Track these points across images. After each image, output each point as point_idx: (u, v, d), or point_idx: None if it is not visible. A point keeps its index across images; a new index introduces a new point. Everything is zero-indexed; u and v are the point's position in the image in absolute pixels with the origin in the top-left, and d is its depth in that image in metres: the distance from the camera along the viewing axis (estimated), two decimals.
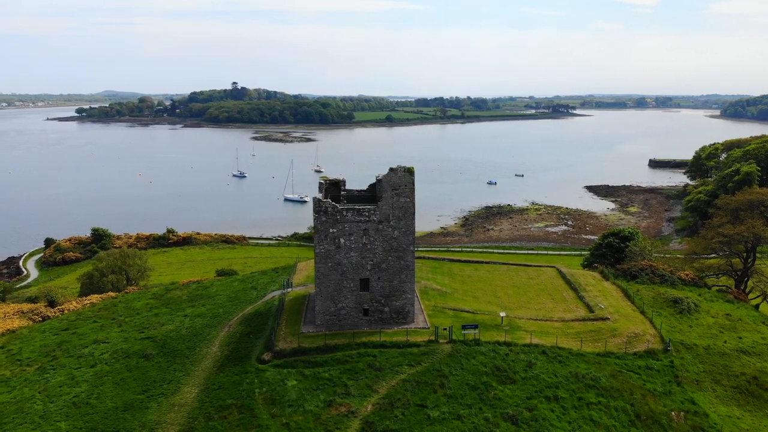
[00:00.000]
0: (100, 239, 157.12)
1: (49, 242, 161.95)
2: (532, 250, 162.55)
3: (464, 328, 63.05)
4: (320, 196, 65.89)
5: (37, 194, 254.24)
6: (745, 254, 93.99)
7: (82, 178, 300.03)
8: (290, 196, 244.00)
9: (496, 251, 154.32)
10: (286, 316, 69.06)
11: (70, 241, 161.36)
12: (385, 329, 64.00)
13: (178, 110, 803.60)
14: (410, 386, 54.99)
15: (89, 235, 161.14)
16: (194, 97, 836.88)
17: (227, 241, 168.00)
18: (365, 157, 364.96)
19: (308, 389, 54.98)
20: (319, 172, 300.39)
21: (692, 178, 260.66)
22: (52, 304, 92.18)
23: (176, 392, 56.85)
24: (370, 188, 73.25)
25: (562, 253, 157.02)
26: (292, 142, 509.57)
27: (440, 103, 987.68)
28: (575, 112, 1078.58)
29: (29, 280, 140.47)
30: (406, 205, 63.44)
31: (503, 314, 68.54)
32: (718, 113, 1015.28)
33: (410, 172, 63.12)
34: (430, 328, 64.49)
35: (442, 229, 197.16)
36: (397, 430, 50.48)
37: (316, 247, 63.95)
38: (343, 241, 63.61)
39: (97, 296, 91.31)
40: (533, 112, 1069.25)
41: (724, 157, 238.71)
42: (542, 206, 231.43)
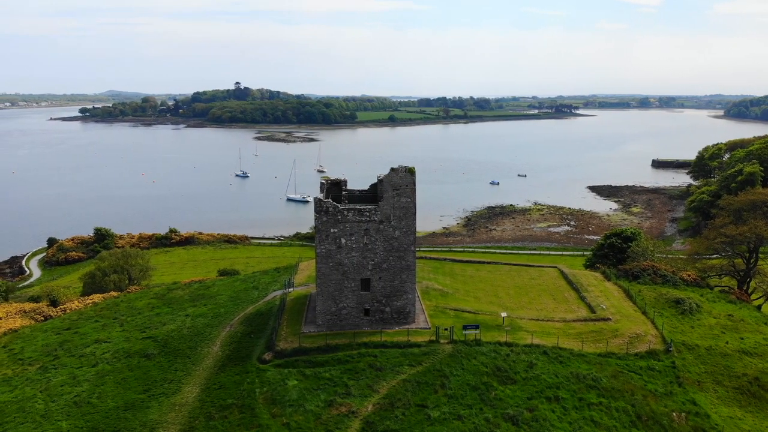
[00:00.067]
0: (102, 239, 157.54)
1: (51, 242, 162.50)
2: (534, 250, 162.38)
3: (465, 328, 62.99)
4: (321, 196, 65.95)
5: (40, 194, 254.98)
6: (747, 255, 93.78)
7: (85, 177, 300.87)
8: (293, 196, 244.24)
9: (498, 251, 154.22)
10: (287, 315, 69.11)
11: (72, 240, 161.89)
12: (386, 329, 63.99)
13: (181, 110, 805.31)
14: (411, 386, 54.96)
15: (92, 234, 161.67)
16: (197, 97, 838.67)
17: (229, 240, 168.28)
18: (368, 157, 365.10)
19: (309, 389, 55.00)
20: (321, 172, 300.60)
21: (695, 178, 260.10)
22: (54, 303, 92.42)
23: (177, 392, 56.91)
24: (371, 188, 73.26)
25: (564, 253, 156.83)
26: (294, 142, 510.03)
27: (443, 103, 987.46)
28: (578, 112, 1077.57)
29: (32, 279, 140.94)
30: (407, 205, 63.43)
31: (504, 314, 68.46)
32: (721, 113, 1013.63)
33: (411, 172, 63.10)
34: (431, 328, 64.45)
35: (444, 229, 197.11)
36: (397, 430, 50.45)
37: (317, 247, 63.99)
38: (344, 241, 63.63)
39: (99, 296, 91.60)
40: (536, 112, 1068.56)
41: (727, 157, 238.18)
42: (545, 206, 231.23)
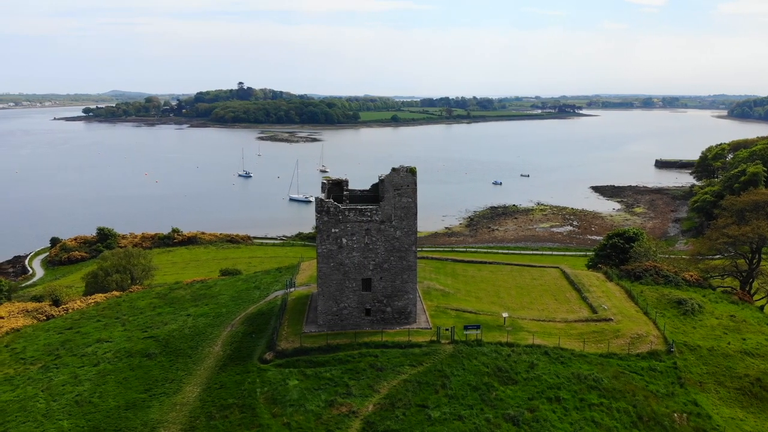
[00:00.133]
0: (105, 238, 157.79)
1: (54, 241, 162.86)
2: (536, 250, 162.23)
3: (466, 328, 62.97)
4: (323, 196, 66.00)
5: (43, 194, 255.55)
6: (750, 255, 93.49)
7: (88, 177, 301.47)
8: (295, 196, 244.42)
9: (500, 252, 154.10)
10: (288, 315, 69.15)
11: (75, 240, 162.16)
12: (387, 329, 63.98)
13: (184, 110, 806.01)
14: (411, 386, 54.94)
15: (95, 234, 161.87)
16: (200, 97, 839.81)
17: (232, 240, 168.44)
18: (370, 157, 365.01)
19: (310, 389, 55.02)
20: (324, 172, 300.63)
21: (698, 178, 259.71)
22: (56, 303, 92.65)
23: (178, 391, 56.99)
24: (372, 188, 73.28)
25: (567, 253, 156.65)
26: (297, 142, 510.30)
27: (446, 103, 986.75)
28: (581, 112, 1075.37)
29: (35, 279, 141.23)
30: (408, 205, 63.41)
31: (506, 315, 68.43)
32: (725, 113, 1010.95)
33: (412, 172, 63.08)
34: (432, 328, 64.43)
35: (446, 229, 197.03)
36: (397, 430, 50.43)
37: (318, 246, 64.01)
38: (345, 241, 63.64)
39: (101, 295, 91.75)
40: (539, 112, 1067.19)
41: (730, 157, 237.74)
42: (548, 206, 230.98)
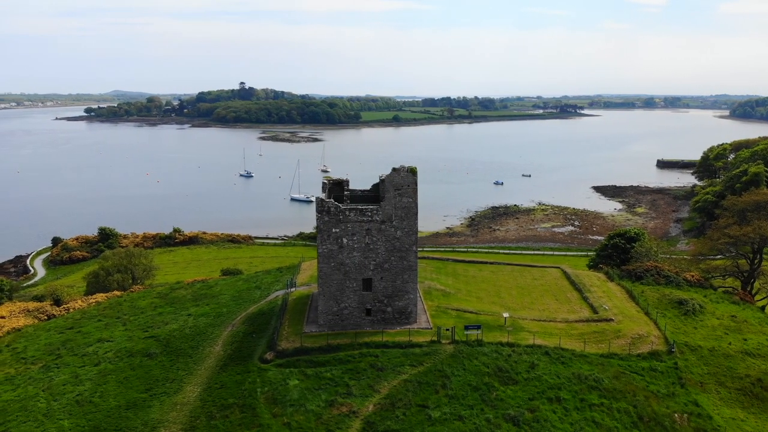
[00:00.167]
0: (107, 238, 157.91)
1: (56, 241, 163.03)
2: (538, 250, 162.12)
3: (467, 328, 62.95)
4: (324, 195, 66.02)
5: (44, 193, 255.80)
6: (751, 256, 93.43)
7: (89, 177, 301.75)
8: (297, 195, 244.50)
9: (501, 252, 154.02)
10: (289, 315, 69.17)
11: (77, 240, 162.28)
12: (387, 329, 63.98)
13: (186, 110, 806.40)
14: (412, 386, 54.93)
15: (96, 234, 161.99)
16: (202, 97, 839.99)
17: (233, 240, 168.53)
18: (372, 157, 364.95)
19: (310, 389, 55.03)
20: (325, 171, 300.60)
21: (700, 178, 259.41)
22: (57, 302, 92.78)
23: (179, 391, 57.02)
24: (373, 188, 73.28)
25: (568, 253, 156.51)
26: (299, 142, 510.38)
27: (447, 102, 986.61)
28: (583, 112, 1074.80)
29: (36, 278, 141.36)
30: (408, 205, 63.40)
31: (506, 315, 68.41)
32: (727, 113, 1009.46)
33: (413, 172, 63.05)
34: (432, 328, 64.41)
35: (447, 229, 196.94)
36: (398, 430, 50.42)
37: (318, 246, 64.03)
38: (345, 240, 63.64)
39: (102, 295, 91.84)
40: (541, 112, 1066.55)
41: (732, 157, 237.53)
42: (549, 206, 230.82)
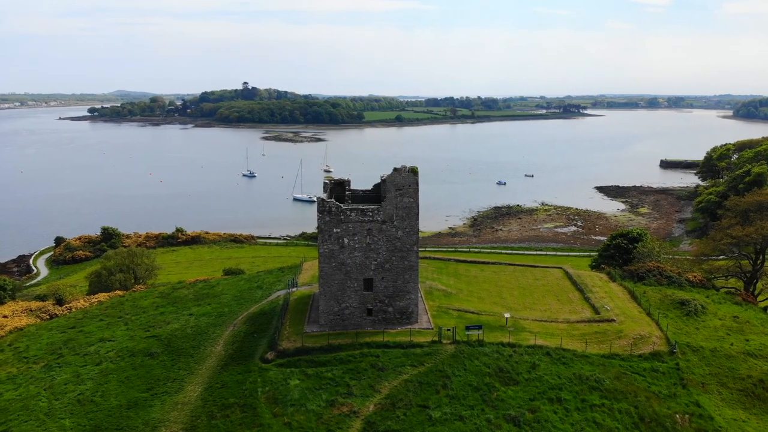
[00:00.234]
0: (109, 238, 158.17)
1: (59, 241, 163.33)
2: (540, 251, 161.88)
3: (468, 328, 62.91)
4: (325, 196, 66.03)
5: (48, 193, 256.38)
6: (754, 256, 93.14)
7: (93, 177, 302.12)
8: (299, 195, 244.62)
9: (504, 252, 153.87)
10: (290, 315, 69.19)
11: (80, 239, 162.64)
12: (388, 329, 63.97)
13: (189, 110, 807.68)
14: (412, 386, 54.92)
15: (99, 233, 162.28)
16: (205, 97, 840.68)
17: (236, 240, 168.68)
18: (374, 156, 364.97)
19: (311, 389, 55.05)
20: (328, 171, 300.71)
21: (703, 178, 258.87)
22: (60, 302, 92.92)
23: (180, 391, 57.10)
24: (374, 188, 73.26)
25: (570, 254, 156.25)
26: (302, 142, 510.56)
27: (450, 102, 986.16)
28: (586, 112, 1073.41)
29: (39, 278, 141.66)
30: (409, 205, 63.37)
31: (508, 315, 68.33)
32: (730, 113, 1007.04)
33: (414, 172, 63.02)
34: (433, 328, 64.37)
35: (450, 229, 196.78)
36: (398, 430, 50.40)
37: (320, 246, 64.04)
38: (346, 240, 63.64)
39: (104, 295, 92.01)
40: (544, 112, 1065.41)
41: (735, 157, 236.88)
42: (552, 207, 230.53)
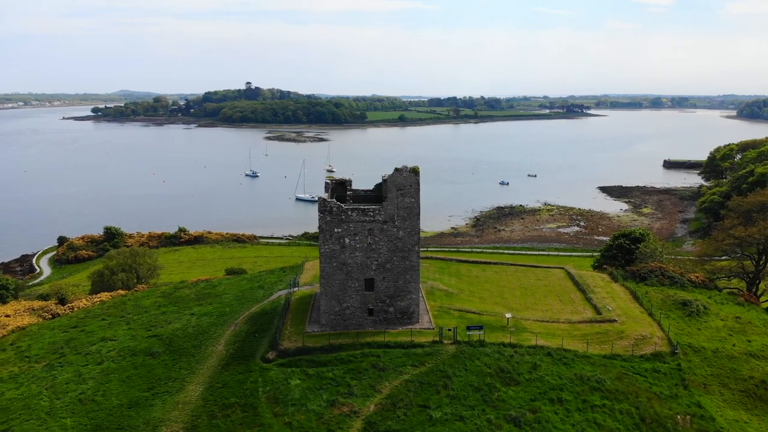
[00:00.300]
0: (112, 238, 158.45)
1: (62, 240, 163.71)
2: (543, 251, 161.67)
3: (469, 329, 62.88)
4: (326, 195, 66.07)
5: (51, 193, 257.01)
6: (756, 257, 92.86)
7: (96, 177, 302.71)
8: (302, 195, 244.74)
9: (506, 252, 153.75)
10: (291, 315, 69.26)
11: (83, 239, 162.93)
12: (389, 329, 63.98)
13: (192, 110, 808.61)
14: (413, 387, 54.91)
15: (102, 233, 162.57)
16: (208, 96, 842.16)
17: (238, 240, 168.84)
18: (377, 156, 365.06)
19: (311, 388, 55.09)
20: (331, 171, 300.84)
21: (707, 179, 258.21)
22: (62, 301, 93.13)
23: (181, 390, 57.18)
24: (376, 188, 73.28)
25: (573, 254, 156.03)
26: (304, 141, 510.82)
27: (453, 102, 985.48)
28: (590, 112, 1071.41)
29: (42, 277, 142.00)
30: (411, 205, 63.36)
31: (509, 315, 68.25)
32: (734, 114, 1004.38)
33: (415, 172, 63.00)
34: (434, 328, 64.35)
35: (452, 229, 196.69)
36: (399, 430, 50.41)
37: (321, 246, 64.10)
38: (347, 240, 63.66)
39: (107, 294, 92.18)
40: (547, 111, 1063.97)
41: (739, 158, 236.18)
42: (554, 207, 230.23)
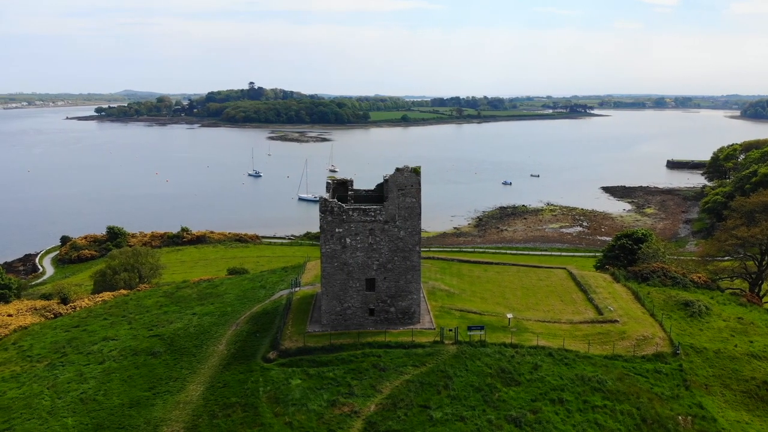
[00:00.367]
0: (115, 237, 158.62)
1: (65, 240, 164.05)
2: (545, 251, 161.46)
3: (470, 329, 62.80)
4: (328, 195, 66.08)
5: (54, 192, 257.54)
6: (759, 257, 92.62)
7: (99, 176, 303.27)
8: (304, 195, 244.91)
9: (508, 252, 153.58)
10: (292, 315, 69.27)
11: (85, 239, 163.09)
12: (390, 329, 63.94)
13: (195, 110, 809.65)
14: (414, 387, 54.87)
15: (105, 233, 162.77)
16: (212, 96, 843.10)
17: (240, 239, 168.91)
18: (380, 156, 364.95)
19: (312, 388, 55.09)
20: (333, 171, 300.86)
21: (710, 179, 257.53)
22: (64, 301, 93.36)
23: (182, 390, 57.23)
24: (377, 188, 73.25)
25: (575, 254, 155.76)
26: (307, 141, 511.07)
27: (456, 102, 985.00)
28: (593, 112, 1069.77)
29: (45, 277, 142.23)
30: (412, 205, 63.31)
31: (510, 316, 68.16)
32: (738, 114, 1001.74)
33: (416, 172, 62.95)
34: (435, 328, 64.30)
35: (455, 229, 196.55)
36: (399, 430, 50.37)
37: (322, 246, 64.12)
38: (349, 240, 63.64)
39: (109, 294, 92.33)
40: (551, 111, 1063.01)
41: (742, 158, 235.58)
42: (557, 207, 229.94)
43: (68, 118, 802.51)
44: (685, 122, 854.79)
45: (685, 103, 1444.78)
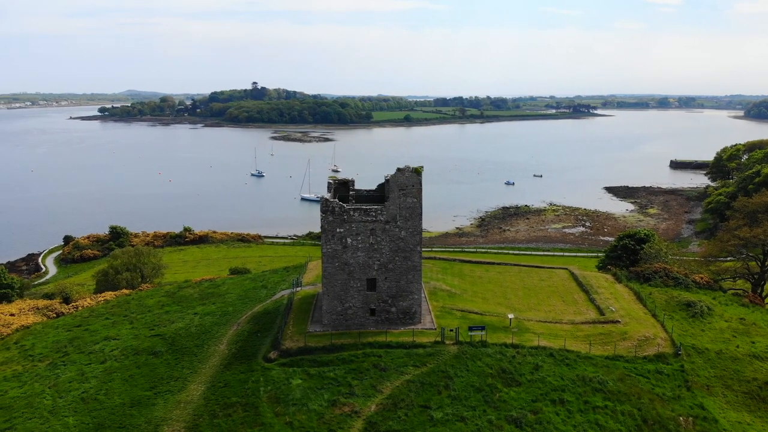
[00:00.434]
0: (117, 237, 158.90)
1: (68, 239, 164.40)
2: (547, 251, 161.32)
3: (471, 329, 62.73)
4: (329, 195, 66.11)
5: (57, 192, 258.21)
6: (761, 257, 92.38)
7: (102, 176, 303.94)
8: (307, 195, 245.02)
9: (510, 252, 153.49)
10: (293, 315, 69.32)
11: (88, 238, 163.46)
12: (391, 329, 63.92)
13: (198, 110, 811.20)
14: (414, 387, 54.85)
15: (107, 232, 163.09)
16: (215, 96, 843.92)
17: (243, 239, 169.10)
18: (382, 156, 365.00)
19: (313, 388, 55.11)
20: (336, 171, 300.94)
21: (713, 179, 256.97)
22: (66, 300, 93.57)
23: (183, 389, 57.30)
24: (378, 188, 73.24)
25: (578, 254, 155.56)
26: (310, 141, 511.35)
27: (459, 102, 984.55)
28: (596, 112, 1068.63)
29: (47, 276, 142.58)
30: (413, 205, 63.29)
31: (511, 316, 68.10)
32: (741, 114, 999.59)
33: (417, 172, 62.93)
34: (436, 329, 64.27)
35: (457, 229, 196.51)
36: (400, 430, 50.35)
37: (323, 246, 64.14)
38: (350, 240, 63.65)
39: (111, 293, 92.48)
40: (554, 111, 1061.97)
41: (745, 158, 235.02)
42: (560, 207, 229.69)
43: (72, 117, 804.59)
44: (688, 122, 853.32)
45: (688, 103, 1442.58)
